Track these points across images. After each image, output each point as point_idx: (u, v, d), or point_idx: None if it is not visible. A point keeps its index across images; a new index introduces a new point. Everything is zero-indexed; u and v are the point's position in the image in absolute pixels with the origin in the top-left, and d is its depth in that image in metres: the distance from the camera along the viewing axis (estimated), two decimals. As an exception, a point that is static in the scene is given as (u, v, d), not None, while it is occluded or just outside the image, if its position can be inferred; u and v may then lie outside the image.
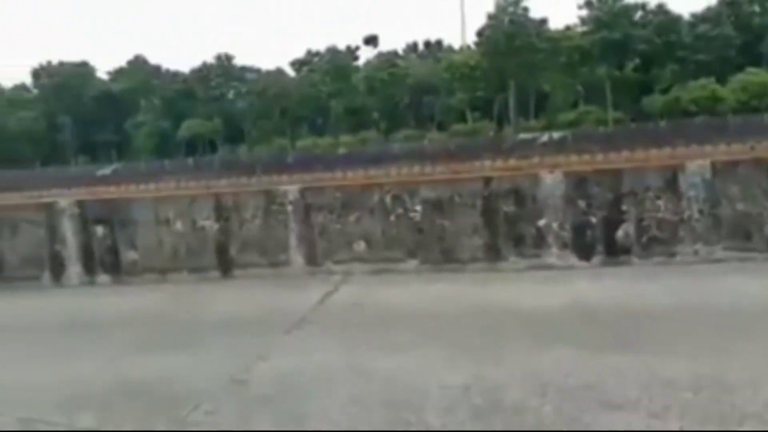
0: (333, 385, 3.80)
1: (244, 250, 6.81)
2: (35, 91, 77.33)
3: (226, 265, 6.86)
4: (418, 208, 6.42)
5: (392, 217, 6.48)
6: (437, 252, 6.43)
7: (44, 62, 77.01)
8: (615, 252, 6.05)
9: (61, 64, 75.66)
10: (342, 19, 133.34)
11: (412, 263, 6.45)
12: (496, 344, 4.29)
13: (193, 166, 56.97)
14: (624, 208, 6.02)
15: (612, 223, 6.05)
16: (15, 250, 7.22)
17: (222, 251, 6.85)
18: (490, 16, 68.76)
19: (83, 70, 76.34)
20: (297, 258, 6.69)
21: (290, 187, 6.79)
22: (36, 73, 77.12)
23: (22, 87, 78.43)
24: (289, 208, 6.69)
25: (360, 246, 6.53)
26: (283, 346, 4.60)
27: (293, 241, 6.70)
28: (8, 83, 78.33)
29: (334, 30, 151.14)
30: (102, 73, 79.88)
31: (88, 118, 73.76)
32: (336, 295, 5.86)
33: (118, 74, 79.23)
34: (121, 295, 6.66)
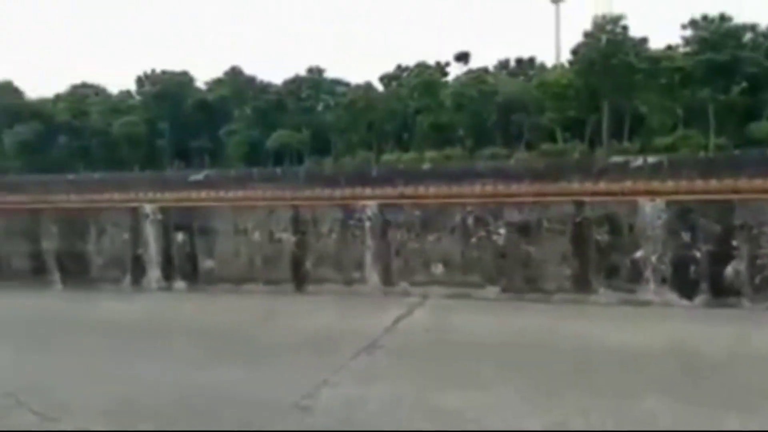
0: (397, 421, 3.51)
1: (320, 264, 6.65)
2: (138, 98, 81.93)
3: (300, 279, 6.72)
4: (502, 231, 6.05)
5: (473, 239, 6.14)
6: (520, 279, 6.02)
7: (148, 70, 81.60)
8: (722, 292, 5.44)
9: (164, 72, 79.91)
10: (435, 35, 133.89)
11: (493, 290, 6.07)
12: (582, 387, 3.87)
13: (280, 175, 58.50)
14: (734, 243, 5.41)
15: (719, 259, 5.46)
16: (100, 251, 7.37)
17: (297, 264, 6.72)
18: (587, 34, 66.96)
19: (183, 79, 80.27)
20: (372, 276, 6.45)
21: (369, 203, 6.58)
22: (140, 81, 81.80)
23: (126, 93, 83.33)
24: (367, 224, 6.48)
25: (438, 268, 6.22)
26: (350, 371, 4.35)
27: (369, 258, 6.47)
28: (114, 90, 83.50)
29: (426, 46, 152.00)
30: (200, 82, 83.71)
31: (185, 125, 77.34)
32: (410, 319, 5.57)
33: (215, 84, 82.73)
34: (196, 302, 6.65)
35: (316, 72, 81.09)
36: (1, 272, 7.68)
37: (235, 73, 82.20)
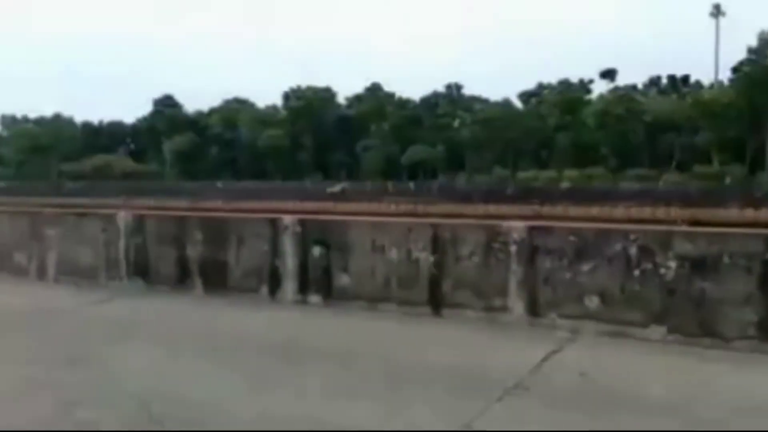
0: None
1: (458, 288, 6.20)
2: (284, 112, 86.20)
3: (437, 303, 6.31)
4: (672, 264, 5.27)
5: (636, 272, 5.41)
6: (692, 321, 5.21)
7: (294, 86, 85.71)
8: None
9: (309, 88, 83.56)
10: (579, 52, 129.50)
11: (658, 330, 5.30)
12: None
13: (414, 190, 58.88)
14: None
15: None
16: (240, 261, 7.42)
17: (435, 287, 6.32)
18: (751, 50, 61.44)
19: (326, 94, 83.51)
20: (516, 305, 5.90)
21: (516, 224, 6.05)
22: (286, 96, 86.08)
23: (273, 108, 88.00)
24: (513, 248, 5.94)
25: (593, 301, 5.55)
26: (492, 416, 3.85)
27: (513, 285, 5.93)
28: (262, 104, 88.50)
29: (568, 63, 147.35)
30: (342, 98, 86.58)
31: (325, 139, 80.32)
32: (560, 357, 4.96)
33: (355, 100, 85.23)
34: (331, 319, 6.43)
35: (454, 88, 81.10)
36: (150, 276, 7.97)
37: (374, 89, 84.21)
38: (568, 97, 71.67)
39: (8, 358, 5.13)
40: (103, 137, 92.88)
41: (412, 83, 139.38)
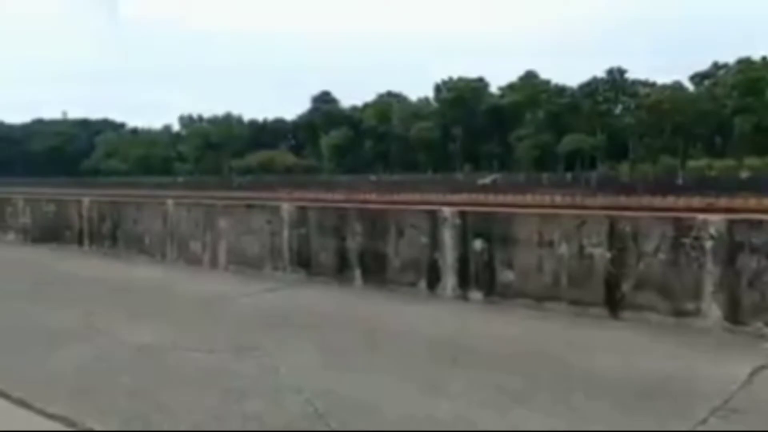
0: None
1: (640, 288, 5.54)
2: (435, 105, 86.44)
3: (614, 304, 5.69)
4: None
5: None
6: None
7: (446, 77, 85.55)
8: None
9: (460, 79, 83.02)
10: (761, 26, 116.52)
11: None
12: None
13: (571, 181, 56.28)
14: None
15: None
16: (398, 254, 7.26)
17: (612, 286, 5.70)
18: None
19: (478, 85, 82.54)
20: (712, 310, 5.14)
21: (713, 218, 5.26)
22: (438, 88, 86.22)
23: (425, 100, 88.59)
24: (708, 244, 5.18)
25: (813, 309, 4.67)
26: (701, 444, 3.27)
27: (709, 287, 5.17)
28: (414, 97, 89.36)
29: (748, 40, 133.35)
30: (494, 87, 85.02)
31: (476, 130, 79.44)
32: (772, 374, 4.19)
33: (508, 89, 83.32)
34: (494, 318, 6.05)
35: (616, 73, 76.42)
36: (312, 266, 8.07)
37: (529, 77, 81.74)
38: (749, 76, 64.64)
39: (186, 344, 5.32)
40: (267, 134, 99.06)
41: (568, 70, 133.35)
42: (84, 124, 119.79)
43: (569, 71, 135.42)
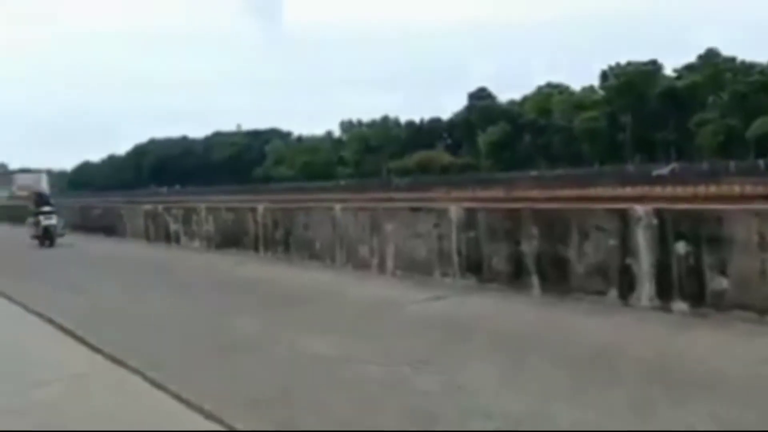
0: None
1: None
2: (601, 93, 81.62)
3: None
4: None
5: None
6: None
7: (613, 64, 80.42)
8: None
9: (629, 64, 77.57)
10: None
11: None
12: None
13: (764, 169, 50.22)
14: None
15: None
16: (582, 258, 6.52)
17: None
18: None
19: (650, 68, 76.49)
20: None
21: None
22: (604, 75, 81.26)
23: (589, 89, 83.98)
24: None
25: None
26: None
27: None
28: (577, 86, 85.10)
29: None
30: (669, 70, 78.32)
31: (648, 117, 73.75)
32: None
33: (685, 70, 76.39)
34: (707, 334, 5.13)
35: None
36: (483, 272, 7.56)
37: (710, 55, 74.17)
38: None
39: (360, 355, 5.07)
40: (424, 134, 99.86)
41: (755, 46, 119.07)
42: (255, 134, 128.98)
43: (757, 46, 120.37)
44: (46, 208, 15.86)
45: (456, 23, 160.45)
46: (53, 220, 15.67)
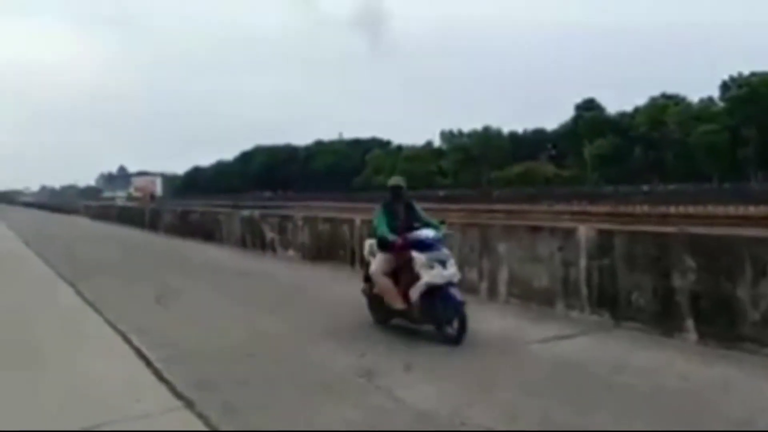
0: None
1: None
2: (721, 104, 75.76)
3: None
4: None
5: None
6: None
7: (735, 74, 74.47)
8: None
9: (753, 74, 71.42)
10: None
11: None
12: None
13: None
14: None
15: None
16: (759, 302, 5.16)
17: None
18: None
19: (777, 77, 70.01)
20: None
21: None
22: (724, 86, 75.40)
23: (708, 101, 78.21)
24: None
25: None
26: None
27: None
28: (695, 98, 79.40)
29: None
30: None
31: (776, 131, 67.51)
32: None
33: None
34: None
35: None
36: (619, 308, 6.31)
37: None
38: None
39: (479, 418, 4.03)
40: (527, 145, 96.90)
41: None
42: (356, 143, 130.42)
43: None
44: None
45: (562, 31, 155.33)
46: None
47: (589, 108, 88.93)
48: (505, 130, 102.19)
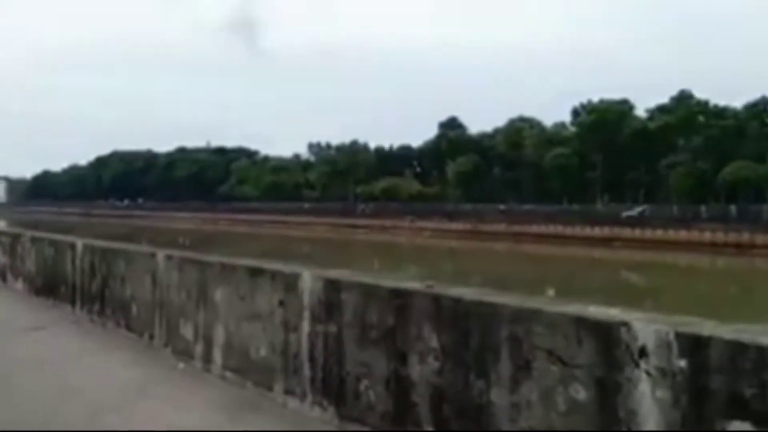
0: None
1: None
2: (573, 129, 79.53)
3: None
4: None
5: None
6: None
7: (585, 101, 78.49)
8: None
9: (602, 101, 75.53)
10: None
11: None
12: None
13: (736, 215, 48.07)
14: None
15: None
16: (517, 405, 3.14)
17: None
18: None
19: (622, 107, 74.47)
20: None
21: None
22: (575, 111, 79.22)
23: (561, 125, 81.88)
24: None
25: None
26: None
27: None
28: (549, 122, 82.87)
29: None
30: (641, 110, 76.49)
31: (619, 157, 71.66)
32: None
33: (658, 111, 74.60)
34: None
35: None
36: (347, 401, 4.14)
37: (683, 97, 72.44)
38: None
39: None
40: (393, 161, 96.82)
41: (729, 91, 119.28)
42: (221, 152, 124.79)
43: (731, 91, 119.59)
44: None
45: (433, 45, 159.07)
46: None
47: (452, 126, 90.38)
48: (372, 145, 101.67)
